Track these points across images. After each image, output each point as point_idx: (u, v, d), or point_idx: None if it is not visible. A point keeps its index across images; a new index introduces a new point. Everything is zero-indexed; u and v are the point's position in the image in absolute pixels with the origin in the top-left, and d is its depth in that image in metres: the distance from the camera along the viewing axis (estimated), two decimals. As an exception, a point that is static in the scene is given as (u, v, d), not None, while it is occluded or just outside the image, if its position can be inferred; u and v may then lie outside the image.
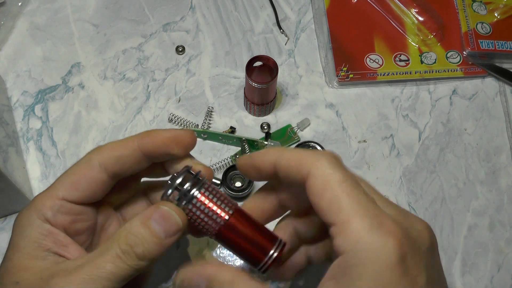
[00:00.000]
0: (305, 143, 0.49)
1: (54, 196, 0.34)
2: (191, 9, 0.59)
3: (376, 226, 0.28)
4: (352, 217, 0.28)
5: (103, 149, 0.35)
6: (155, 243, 0.32)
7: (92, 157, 0.35)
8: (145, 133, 0.35)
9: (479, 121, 0.54)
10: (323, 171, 0.30)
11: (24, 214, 0.34)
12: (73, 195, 0.34)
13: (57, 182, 0.35)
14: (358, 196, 0.29)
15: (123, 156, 0.35)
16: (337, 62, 0.55)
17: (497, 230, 0.50)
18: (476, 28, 0.57)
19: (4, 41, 0.56)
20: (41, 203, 0.34)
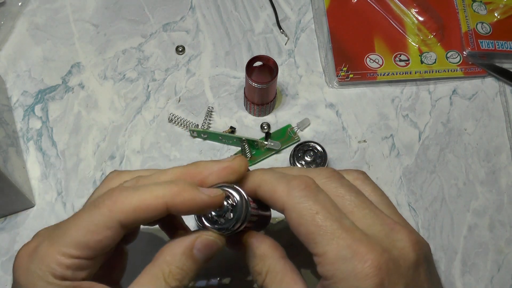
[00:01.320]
0: (305, 143, 0.49)
1: (68, 254, 0.31)
2: (191, 9, 0.59)
3: (350, 256, 0.30)
4: (328, 250, 0.30)
5: (124, 205, 0.31)
6: (197, 270, 0.32)
7: (112, 215, 0.30)
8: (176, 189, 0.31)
9: (479, 121, 0.54)
10: (295, 206, 0.31)
11: (34, 271, 0.31)
12: (89, 254, 0.31)
13: (69, 236, 0.31)
14: (331, 228, 0.30)
15: (147, 218, 0.31)
16: (337, 62, 0.55)
17: (497, 230, 0.50)
18: (476, 28, 0.57)
19: (4, 41, 0.56)
20: (54, 261, 0.30)
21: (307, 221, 0.31)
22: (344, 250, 0.30)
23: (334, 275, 0.30)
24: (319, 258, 0.31)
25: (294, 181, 0.32)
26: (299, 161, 0.48)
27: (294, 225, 0.32)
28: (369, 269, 0.29)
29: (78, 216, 0.31)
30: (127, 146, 0.52)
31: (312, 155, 0.49)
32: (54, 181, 0.50)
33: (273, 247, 0.34)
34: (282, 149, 0.52)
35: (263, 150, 0.51)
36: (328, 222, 0.31)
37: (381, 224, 0.32)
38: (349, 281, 0.29)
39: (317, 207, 0.31)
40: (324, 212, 0.31)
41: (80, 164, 0.51)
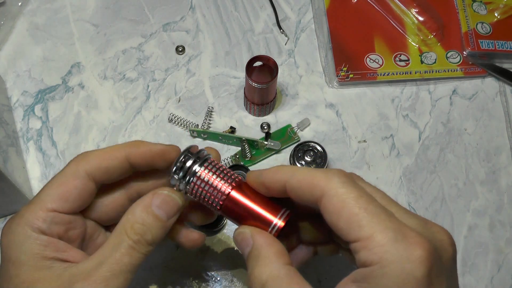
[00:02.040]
0: (305, 143, 0.49)
1: (44, 208, 0.34)
2: (191, 9, 0.59)
3: (400, 238, 0.28)
4: (375, 231, 0.29)
5: (89, 158, 0.35)
6: (160, 227, 0.34)
7: (79, 167, 0.34)
8: (133, 144, 0.35)
9: (479, 121, 0.54)
10: (337, 190, 0.30)
11: (15, 229, 0.33)
12: (63, 206, 0.34)
13: (44, 194, 0.34)
14: (376, 211, 0.29)
15: (110, 166, 0.35)
16: (337, 62, 0.55)
17: (497, 230, 0.50)
18: (476, 28, 0.57)
19: (4, 41, 0.56)
20: (32, 216, 0.33)
21: (350, 204, 0.30)
22: (394, 232, 0.28)
23: (383, 258, 0.28)
24: (363, 242, 0.29)
25: (331, 171, 0.32)
26: (299, 161, 0.48)
27: (334, 211, 0.30)
28: (420, 253, 0.28)
29: (51, 180, 0.35)
30: (127, 146, 0.52)
31: (312, 155, 0.49)
32: None
33: (280, 252, 0.32)
34: (282, 149, 0.52)
35: (263, 150, 0.51)
36: (373, 206, 0.30)
37: (416, 218, 0.31)
38: (400, 264, 0.28)
39: (360, 191, 0.30)
40: (368, 197, 0.30)
41: (80, 164, 0.51)
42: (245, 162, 0.51)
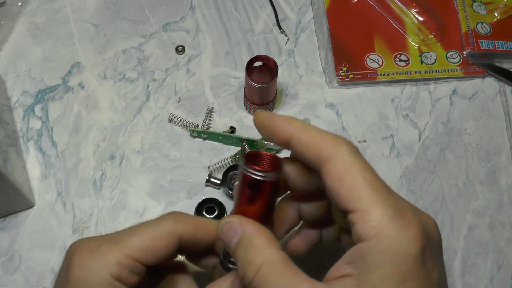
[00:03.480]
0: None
1: (129, 256, 0.33)
2: (191, 9, 0.59)
3: (398, 216, 0.28)
4: (375, 205, 0.28)
5: (187, 222, 0.34)
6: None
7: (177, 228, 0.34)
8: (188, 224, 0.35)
9: (479, 121, 0.54)
10: (344, 157, 0.29)
11: (92, 266, 0.32)
12: (147, 259, 0.33)
13: (132, 240, 0.33)
14: (379, 185, 0.29)
15: (200, 238, 0.35)
16: (337, 62, 0.55)
17: (497, 230, 0.50)
18: (476, 28, 0.57)
19: (4, 41, 0.56)
20: (114, 259, 0.32)
21: (354, 173, 0.29)
22: (393, 209, 0.28)
23: (381, 232, 0.28)
24: (361, 213, 0.28)
25: (340, 137, 0.31)
26: None
27: (337, 177, 0.29)
28: (415, 232, 0.28)
29: (142, 226, 0.34)
30: (127, 146, 0.52)
31: None
32: (54, 181, 0.50)
33: (271, 239, 0.32)
34: (282, 149, 0.52)
35: (263, 150, 0.51)
36: (377, 180, 0.29)
37: (407, 202, 0.31)
38: (393, 240, 0.28)
39: (366, 164, 0.30)
40: (373, 171, 0.30)
41: (80, 164, 0.51)
42: (245, 162, 0.51)
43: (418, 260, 0.28)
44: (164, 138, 0.52)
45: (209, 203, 0.47)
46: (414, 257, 0.28)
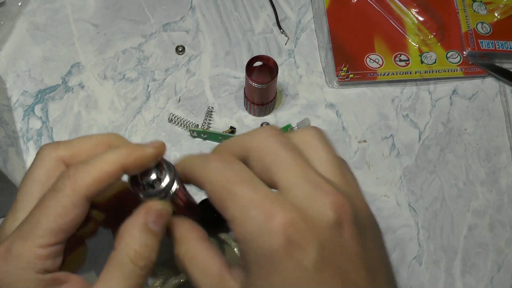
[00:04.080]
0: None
1: (45, 244, 0.30)
2: (191, 9, 0.59)
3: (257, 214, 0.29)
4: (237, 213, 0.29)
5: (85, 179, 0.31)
6: (159, 242, 0.33)
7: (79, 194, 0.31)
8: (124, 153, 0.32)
9: (479, 121, 0.54)
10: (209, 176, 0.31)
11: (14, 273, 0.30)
12: (64, 237, 0.31)
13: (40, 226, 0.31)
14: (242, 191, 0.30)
15: (108, 184, 0.32)
16: (337, 62, 0.55)
17: (497, 230, 0.50)
18: (476, 28, 0.57)
19: (4, 41, 0.56)
20: (33, 255, 0.30)
21: (218, 189, 0.30)
22: (252, 210, 0.29)
23: (244, 237, 0.29)
24: (231, 223, 0.30)
25: (211, 156, 0.33)
26: None
27: (210, 196, 0.31)
28: (275, 226, 0.28)
29: (42, 206, 0.31)
30: (127, 146, 0.52)
31: None
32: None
33: (191, 229, 0.33)
34: (282, 149, 0.52)
35: (263, 150, 0.51)
36: (239, 187, 0.30)
37: (305, 183, 0.30)
38: (256, 240, 0.28)
39: (228, 174, 0.30)
40: (235, 178, 0.30)
41: (80, 164, 0.51)
42: (245, 162, 0.51)
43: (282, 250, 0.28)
44: (164, 138, 0.52)
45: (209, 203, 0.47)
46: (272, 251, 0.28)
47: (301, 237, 0.28)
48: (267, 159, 0.30)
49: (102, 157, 0.32)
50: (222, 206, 0.30)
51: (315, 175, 0.30)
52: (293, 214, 0.28)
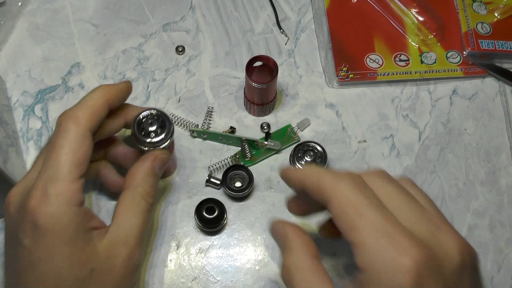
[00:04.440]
0: (305, 143, 0.49)
1: (75, 179, 0.35)
2: (191, 9, 0.59)
3: (391, 246, 0.29)
4: (367, 239, 0.29)
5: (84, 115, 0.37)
6: (158, 183, 0.42)
7: (84, 128, 0.37)
8: (105, 90, 0.40)
9: (479, 121, 0.54)
10: (340, 194, 0.32)
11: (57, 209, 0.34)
12: (82, 171, 0.36)
13: (62, 164, 0.35)
14: (374, 217, 0.30)
15: (101, 117, 0.39)
16: (337, 62, 0.55)
17: (497, 230, 0.50)
18: (476, 28, 0.57)
19: (4, 41, 0.56)
20: (69, 190, 0.35)
21: (349, 209, 0.31)
22: (385, 240, 0.29)
23: (372, 265, 0.29)
24: (358, 247, 0.30)
25: (341, 175, 0.33)
26: (299, 161, 0.48)
27: (336, 214, 0.32)
28: (409, 263, 0.28)
29: (56, 149, 0.36)
30: (127, 146, 0.52)
31: (312, 155, 0.48)
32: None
33: (308, 244, 0.34)
34: (282, 149, 0.52)
35: (263, 150, 0.51)
36: (371, 212, 0.30)
37: (427, 222, 0.31)
38: (386, 273, 0.28)
39: (361, 197, 0.31)
40: (368, 203, 0.31)
41: (80, 164, 0.51)
42: (245, 162, 0.51)
43: None
44: (164, 138, 0.52)
45: (209, 203, 0.47)
46: (406, 286, 0.28)
47: (432, 279, 0.28)
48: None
49: (90, 96, 0.39)
50: (349, 227, 0.31)
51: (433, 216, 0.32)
52: (425, 252, 0.29)
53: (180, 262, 0.47)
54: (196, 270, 0.47)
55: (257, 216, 0.49)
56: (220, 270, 0.47)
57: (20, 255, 0.35)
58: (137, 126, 0.41)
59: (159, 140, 0.41)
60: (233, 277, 0.46)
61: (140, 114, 0.42)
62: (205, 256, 0.47)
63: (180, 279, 0.46)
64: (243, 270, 0.47)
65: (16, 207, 0.36)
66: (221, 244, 0.48)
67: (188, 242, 0.48)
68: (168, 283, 0.46)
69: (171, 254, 0.47)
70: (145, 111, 0.42)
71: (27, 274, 0.35)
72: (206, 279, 0.46)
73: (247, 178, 0.48)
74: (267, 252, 0.48)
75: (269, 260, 0.47)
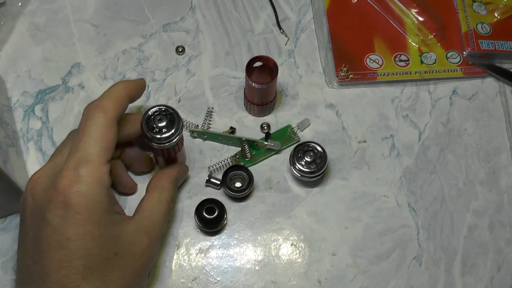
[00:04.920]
0: (305, 144, 0.49)
1: (104, 162, 0.38)
2: (191, 9, 0.59)
3: None
4: None
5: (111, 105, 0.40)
6: None
7: (111, 117, 0.39)
8: (127, 84, 0.44)
9: (479, 121, 0.54)
10: None
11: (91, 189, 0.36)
12: (109, 156, 0.39)
13: (92, 148, 0.37)
14: None
15: (124, 107, 0.42)
16: (337, 62, 0.55)
17: (497, 230, 0.50)
18: (476, 28, 0.57)
19: (4, 41, 0.56)
20: (100, 172, 0.37)
21: None
22: None
23: None
24: None
25: None
26: (299, 161, 0.48)
27: None
28: None
29: (86, 134, 0.38)
30: (127, 146, 0.52)
31: (312, 155, 0.48)
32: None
33: None
34: (282, 149, 0.52)
35: (263, 150, 0.51)
36: None
37: None
38: None
39: None
40: None
41: (80, 165, 0.51)
42: (245, 163, 0.51)
43: None
44: (164, 138, 0.52)
45: (209, 203, 0.47)
46: None
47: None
48: None
49: (114, 89, 0.42)
50: None
51: None
52: None
53: (180, 262, 0.47)
54: (196, 270, 0.47)
55: (257, 217, 0.49)
56: (220, 271, 0.47)
57: (48, 234, 0.36)
58: (146, 122, 0.42)
59: (168, 136, 0.42)
60: (233, 277, 0.46)
61: (149, 110, 0.42)
62: (205, 257, 0.47)
63: (180, 279, 0.46)
64: (243, 270, 0.47)
65: (43, 188, 0.38)
66: (221, 245, 0.48)
67: (188, 242, 0.48)
68: (168, 283, 0.46)
69: (171, 254, 0.47)
70: (154, 107, 0.42)
71: (53, 254, 0.35)
72: (206, 279, 0.46)
73: (247, 178, 0.48)
74: (267, 252, 0.48)
75: (269, 260, 0.47)
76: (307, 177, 0.48)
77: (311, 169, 0.48)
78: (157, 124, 0.42)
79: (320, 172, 0.48)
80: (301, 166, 0.48)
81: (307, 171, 0.48)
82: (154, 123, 0.42)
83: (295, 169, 0.48)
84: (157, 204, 0.42)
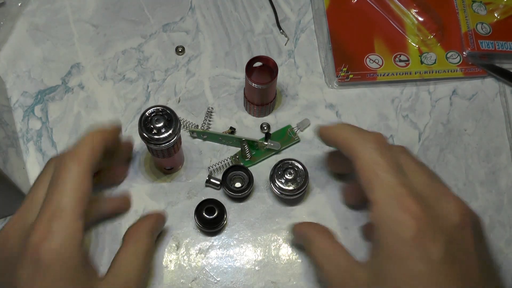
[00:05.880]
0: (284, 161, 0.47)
1: (76, 219, 0.36)
2: (191, 9, 0.59)
3: (396, 204, 0.34)
4: (379, 198, 0.35)
5: (87, 157, 0.38)
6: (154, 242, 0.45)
7: (86, 168, 0.38)
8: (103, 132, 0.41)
9: (479, 121, 0.54)
10: (364, 154, 0.37)
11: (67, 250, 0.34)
12: (82, 210, 0.37)
13: (65, 203, 0.36)
14: (388, 179, 0.35)
15: (100, 159, 0.40)
16: (337, 63, 0.55)
17: (497, 230, 0.50)
18: (476, 28, 0.57)
19: (4, 41, 0.56)
20: (73, 230, 0.35)
21: (369, 169, 0.36)
22: (393, 200, 0.34)
23: (382, 222, 0.34)
24: (372, 205, 0.35)
25: (369, 135, 0.38)
26: (279, 179, 0.47)
27: (359, 171, 0.37)
28: (408, 218, 0.33)
29: (59, 186, 0.36)
30: (127, 146, 0.52)
31: (293, 173, 0.47)
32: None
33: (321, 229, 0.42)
34: (282, 149, 0.52)
35: (263, 150, 0.51)
36: (387, 175, 0.35)
37: (436, 187, 0.37)
38: (392, 229, 0.33)
39: (382, 160, 0.36)
40: (386, 166, 0.36)
41: (80, 165, 0.51)
42: (245, 163, 0.51)
43: (412, 241, 0.33)
44: (164, 138, 0.52)
45: (209, 203, 0.47)
46: (406, 239, 0.33)
47: (433, 233, 0.33)
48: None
49: (89, 137, 0.40)
50: (367, 186, 0.36)
51: (442, 184, 0.37)
52: (425, 211, 0.34)
53: (180, 262, 0.47)
54: (196, 270, 0.47)
55: (257, 217, 0.49)
56: (220, 271, 0.47)
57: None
58: (144, 123, 0.42)
59: (166, 137, 0.42)
60: (233, 278, 0.46)
61: (146, 111, 0.42)
62: (205, 257, 0.47)
63: (180, 280, 0.46)
64: (243, 270, 0.47)
65: (15, 242, 0.36)
66: (221, 245, 0.48)
67: (188, 242, 0.48)
68: (168, 283, 0.46)
69: (171, 254, 0.47)
70: (151, 108, 0.42)
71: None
72: (206, 280, 0.46)
73: (247, 178, 0.48)
74: (267, 253, 0.48)
75: (269, 261, 0.47)
76: (286, 195, 0.47)
77: (291, 186, 0.47)
78: (154, 125, 0.42)
79: (301, 190, 0.47)
80: (281, 184, 0.47)
81: (288, 189, 0.47)
82: (152, 124, 0.42)
83: (275, 186, 0.47)
84: (132, 258, 0.40)
